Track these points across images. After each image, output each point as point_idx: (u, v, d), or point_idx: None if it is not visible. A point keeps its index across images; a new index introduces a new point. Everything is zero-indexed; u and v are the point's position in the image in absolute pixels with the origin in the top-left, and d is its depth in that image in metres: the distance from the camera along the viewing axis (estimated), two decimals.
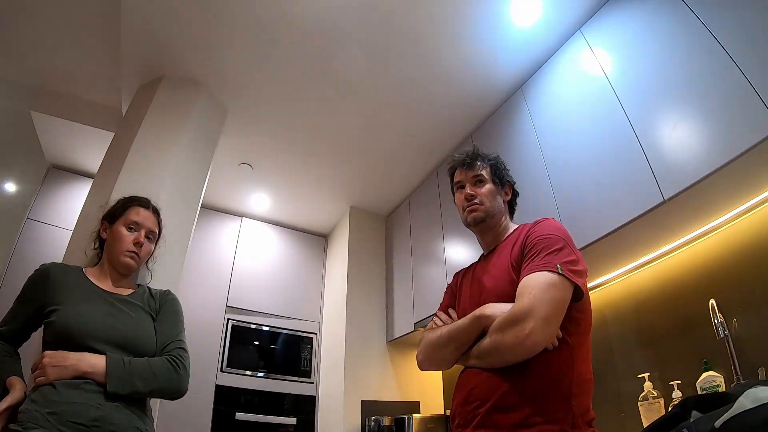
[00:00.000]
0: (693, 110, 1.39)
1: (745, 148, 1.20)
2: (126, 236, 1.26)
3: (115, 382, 1.03)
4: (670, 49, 1.52)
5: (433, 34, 2.06)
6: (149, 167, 2.00)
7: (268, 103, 2.47)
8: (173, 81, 2.28)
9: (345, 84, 2.34)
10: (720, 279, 1.48)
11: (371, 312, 3.11)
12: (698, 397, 0.71)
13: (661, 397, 1.51)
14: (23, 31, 2.21)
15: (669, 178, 1.40)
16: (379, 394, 2.86)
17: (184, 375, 1.16)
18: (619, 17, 1.77)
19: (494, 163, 1.23)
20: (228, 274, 3.24)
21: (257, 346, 3.15)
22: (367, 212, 3.48)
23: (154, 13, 1.97)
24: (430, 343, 1.06)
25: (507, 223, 1.21)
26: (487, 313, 0.94)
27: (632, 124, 1.58)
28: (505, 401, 0.87)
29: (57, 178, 2.97)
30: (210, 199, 3.30)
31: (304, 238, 3.73)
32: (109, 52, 2.26)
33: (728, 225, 1.49)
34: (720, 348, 1.37)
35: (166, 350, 1.18)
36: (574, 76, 1.94)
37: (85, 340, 1.06)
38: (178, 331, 1.26)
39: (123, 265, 1.25)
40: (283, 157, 2.91)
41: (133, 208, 1.30)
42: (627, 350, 1.76)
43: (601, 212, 1.61)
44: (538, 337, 0.86)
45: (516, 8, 1.93)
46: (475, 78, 2.29)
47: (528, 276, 0.93)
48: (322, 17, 1.98)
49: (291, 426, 2.97)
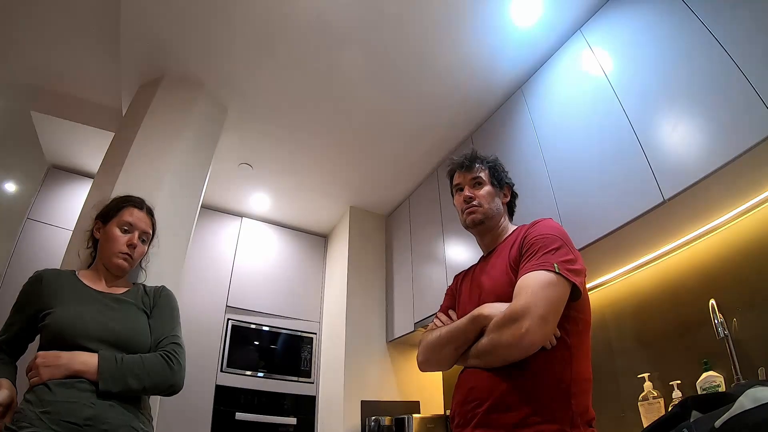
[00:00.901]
0: (693, 110, 1.39)
1: (745, 148, 1.20)
2: (119, 237, 1.26)
3: (107, 380, 1.02)
4: (671, 49, 1.51)
5: (433, 34, 2.06)
6: (149, 167, 2.00)
7: (268, 103, 2.47)
8: (173, 81, 2.28)
9: (345, 83, 2.34)
10: (720, 279, 1.48)
11: (371, 312, 3.10)
12: (698, 397, 0.71)
13: (661, 397, 1.51)
14: (23, 31, 2.21)
15: (669, 178, 1.40)
16: (379, 394, 2.86)
17: (178, 370, 1.14)
18: (619, 17, 1.76)
19: (493, 165, 1.24)
20: (228, 274, 3.24)
21: (257, 346, 3.15)
22: (367, 212, 3.48)
23: (154, 12, 1.97)
24: (430, 344, 1.07)
25: (506, 224, 1.22)
26: (485, 312, 0.95)
27: (632, 124, 1.58)
28: (504, 401, 0.88)
29: (57, 178, 2.97)
30: (210, 199, 3.30)
31: (304, 238, 3.73)
32: (109, 52, 2.26)
33: (728, 225, 1.49)
34: (720, 348, 1.37)
35: (160, 346, 1.16)
36: (574, 76, 1.94)
37: (78, 339, 1.06)
38: (173, 326, 1.24)
39: (116, 267, 1.25)
40: (283, 157, 2.91)
41: (126, 209, 1.30)
42: (627, 350, 1.76)
43: (601, 212, 1.61)
44: (534, 336, 0.86)
45: (516, 8, 1.93)
46: (475, 78, 2.29)
47: (525, 275, 0.93)
48: (322, 17, 1.98)
49: (291, 426, 2.97)
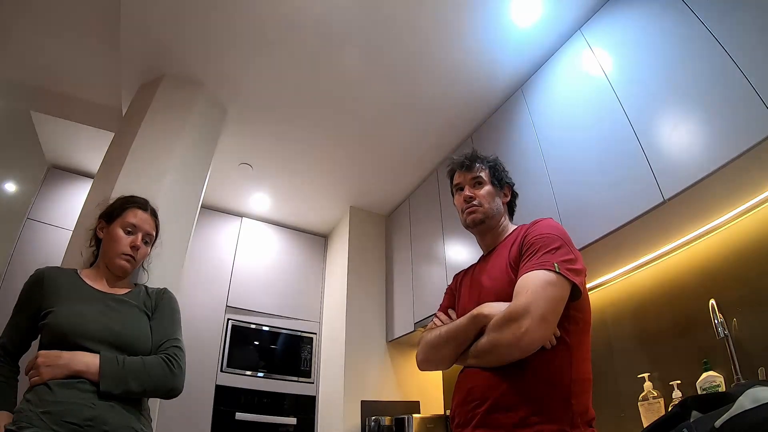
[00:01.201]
0: (693, 110, 1.39)
1: (745, 148, 1.20)
2: (123, 239, 1.26)
3: (108, 381, 1.02)
4: (671, 49, 1.51)
5: (433, 35, 2.06)
6: (149, 167, 2.00)
7: (268, 103, 2.47)
8: (173, 81, 2.28)
9: (345, 84, 2.34)
10: (720, 279, 1.48)
11: (371, 312, 3.10)
12: (698, 397, 0.71)
13: (661, 397, 1.51)
14: (23, 31, 2.21)
15: (669, 178, 1.40)
16: (379, 394, 2.86)
17: (178, 374, 1.15)
18: (619, 17, 1.76)
19: (493, 165, 1.24)
20: (228, 274, 3.24)
21: (257, 346, 3.15)
22: (367, 212, 3.48)
23: (154, 12, 1.97)
24: (429, 343, 1.06)
25: (506, 224, 1.22)
26: (484, 312, 0.94)
27: (632, 124, 1.58)
28: (504, 401, 0.87)
29: (57, 178, 2.98)
30: (210, 199, 3.30)
31: (304, 238, 3.73)
32: (109, 52, 2.26)
33: (728, 225, 1.48)
34: (720, 348, 1.37)
35: (161, 349, 1.16)
36: (574, 76, 1.94)
37: (79, 340, 1.06)
38: (174, 329, 1.24)
39: (118, 268, 1.25)
40: (283, 157, 2.91)
41: (131, 210, 1.30)
42: (627, 350, 1.76)
43: (601, 212, 1.61)
44: (534, 336, 0.86)
45: (516, 8, 1.93)
46: (476, 78, 2.28)
47: (525, 275, 0.93)
48: (323, 17, 1.98)
49: (291, 426, 2.97)
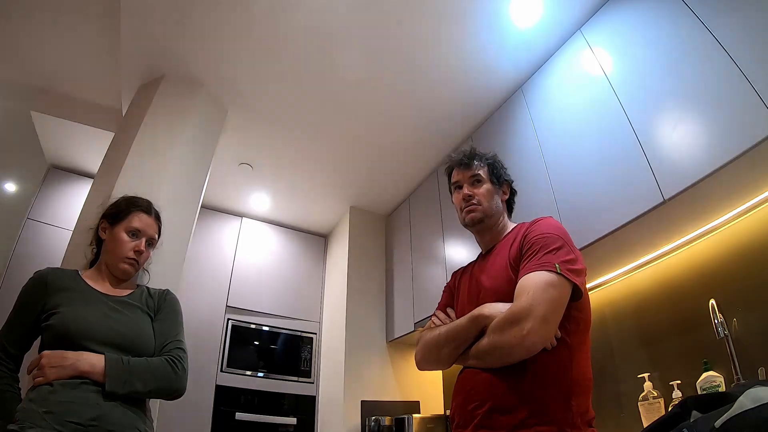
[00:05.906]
0: (693, 110, 1.39)
1: (745, 148, 1.20)
2: (126, 242, 1.25)
3: (114, 381, 1.03)
4: (671, 49, 1.51)
5: (433, 35, 2.06)
6: (149, 167, 2.00)
7: (268, 103, 2.47)
8: (173, 81, 2.28)
9: (345, 84, 2.33)
10: (720, 279, 1.47)
11: (371, 312, 3.10)
12: (698, 397, 0.70)
13: (661, 397, 1.51)
14: (23, 32, 2.21)
15: (669, 178, 1.40)
16: (379, 394, 2.85)
17: (182, 375, 1.16)
18: (620, 17, 1.76)
19: (492, 163, 1.23)
20: (228, 274, 3.24)
21: (257, 346, 3.15)
22: (367, 212, 3.48)
23: (154, 13, 1.96)
24: (428, 343, 1.06)
25: (505, 222, 1.21)
26: (485, 312, 0.94)
27: (632, 124, 1.58)
28: (504, 402, 0.87)
29: (57, 178, 2.98)
30: (210, 199, 3.30)
31: (304, 238, 3.73)
32: (109, 52, 2.26)
33: (728, 225, 1.48)
34: (720, 348, 1.37)
35: (165, 350, 1.17)
36: (574, 76, 1.94)
37: (84, 342, 1.06)
38: (177, 330, 1.25)
39: (121, 272, 1.25)
40: (283, 157, 2.91)
41: (135, 214, 1.29)
42: (627, 350, 1.76)
43: (601, 212, 1.61)
44: (536, 337, 0.85)
45: (516, 8, 1.93)
46: (476, 78, 2.28)
47: (526, 275, 0.93)
48: (322, 17, 1.98)
49: (291, 426, 2.97)
